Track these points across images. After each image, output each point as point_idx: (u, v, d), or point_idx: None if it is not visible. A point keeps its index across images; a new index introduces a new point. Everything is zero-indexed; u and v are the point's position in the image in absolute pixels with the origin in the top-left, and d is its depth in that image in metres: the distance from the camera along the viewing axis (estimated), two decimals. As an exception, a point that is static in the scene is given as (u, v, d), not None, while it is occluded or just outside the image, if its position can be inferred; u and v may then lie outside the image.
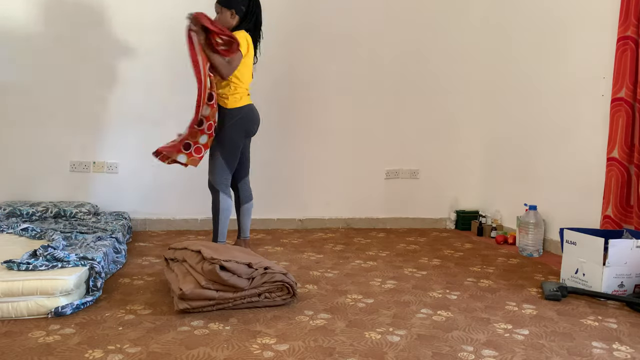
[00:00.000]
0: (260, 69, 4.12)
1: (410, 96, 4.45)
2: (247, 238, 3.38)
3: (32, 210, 3.46)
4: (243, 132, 3.15)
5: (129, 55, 3.93)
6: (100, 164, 3.96)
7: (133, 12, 3.90)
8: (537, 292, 2.74)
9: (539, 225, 3.59)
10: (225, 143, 3.10)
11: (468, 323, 2.25)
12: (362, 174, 4.41)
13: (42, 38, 3.79)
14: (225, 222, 3.15)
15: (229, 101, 3.09)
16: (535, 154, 3.87)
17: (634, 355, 1.98)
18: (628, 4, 3.00)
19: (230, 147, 3.11)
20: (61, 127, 3.87)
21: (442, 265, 3.25)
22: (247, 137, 3.23)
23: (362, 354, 1.91)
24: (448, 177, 4.58)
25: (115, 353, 1.85)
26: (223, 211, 3.12)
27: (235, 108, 3.10)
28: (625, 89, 3.02)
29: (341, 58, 4.30)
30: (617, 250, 2.62)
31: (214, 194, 3.14)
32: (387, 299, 2.54)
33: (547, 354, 1.96)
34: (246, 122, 3.14)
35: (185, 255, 2.51)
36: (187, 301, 2.24)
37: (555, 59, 3.68)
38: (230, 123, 3.08)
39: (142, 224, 4.03)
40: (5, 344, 1.90)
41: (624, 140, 3.03)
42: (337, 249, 3.59)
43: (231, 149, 3.11)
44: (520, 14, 4.06)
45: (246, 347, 1.94)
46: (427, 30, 4.42)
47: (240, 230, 3.37)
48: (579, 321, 2.32)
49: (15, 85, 3.78)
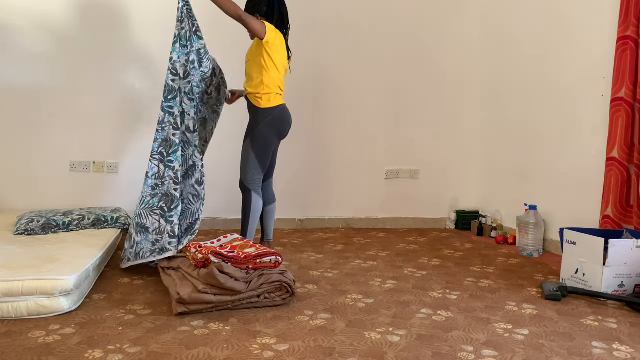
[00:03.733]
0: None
1: (410, 96, 4.45)
2: (271, 240, 3.33)
3: (68, 220, 3.26)
4: (275, 133, 3.09)
5: (129, 55, 3.93)
6: (100, 164, 3.96)
7: (133, 12, 3.91)
8: (537, 292, 2.74)
9: (539, 225, 3.59)
10: (259, 142, 3.04)
11: (468, 323, 2.25)
12: (362, 174, 4.41)
13: (42, 38, 3.79)
14: (255, 222, 3.08)
15: (262, 101, 3.04)
16: (535, 154, 3.87)
17: (634, 355, 1.98)
18: (628, 4, 3.00)
19: (264, 146, 3.05)
20: (61, 127, 3.87)
21: (442, 265, 3.25)
22: (279, 138, 3.14)
23: (362, 354, 1.91)
24: (448, 177, 4.58)
25: (115, 353, 1.85)
26: (254, 211, 3.06)
27: (268, 108, 3.04)
28: (625, 89, 3.02)
29: (341, 58, 4.30)
30: (617, 250, 2.62)
31: (245, 193, 3.07)
32: (387, 299, 2.54)
33: (547, 354, 1.96)
34: (278, 123, 3.08)
35: (180, 263, 2.52)
36: (186, 305, 2.24)
37: (555, 59, 3.68)
38: (263, 122, 3.04)
39: (142, 224, 4.03)
40: (5, 344, 1.90)
41: (623, 140, 3.03)
42: (337, 249, 3.59)
43: (264, 148, 3.06)
44: (520, 14, 4.06)
45: (246, 347, 1.94)
46: (427, 30, 4.43)
47: (263, 233, 3.32)
48: (579, 321, 2.32)
49: (15, 85, 3.79)
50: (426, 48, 4.43)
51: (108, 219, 3.38)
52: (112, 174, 3.98)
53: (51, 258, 2.48)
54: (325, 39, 4.24)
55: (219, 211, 4.14)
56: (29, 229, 3.12)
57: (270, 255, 2.43)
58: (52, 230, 3.19)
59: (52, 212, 3.40)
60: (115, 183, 3.98)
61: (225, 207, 4.14)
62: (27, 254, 2.56)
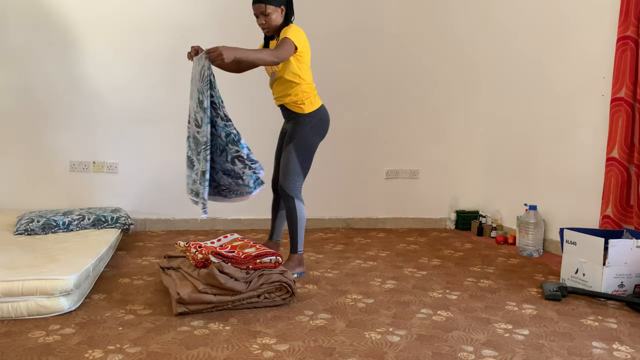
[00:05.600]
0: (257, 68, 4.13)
1: (410, 96, 4.45)
2: (279, 242, 3.23)
3: (68, 220, 3.26)
4: (320, 134, 2.95)
5: (129, 55, 3.93)
6: (100, 164, 3.96)
7: (133, 12, 3.91)
8: (537, 292, 2.74)
9: (539, 225, 3.59)
10: (304, 147, 2.89)
11: (468, 323, 2.25)
12: (362, 174, 4.41)
13: (41, 39, 3.79)
14: (303, 229, 2.91)
15: (305, 106, 2.88)
16: (535, 154, 3.87)
17: (634, 355, 1.98)
18: (628, 4, 3.00)
19: (309, 151, 2.92)
20: (61, 127, 3.87)
21: (442, 265, 3.25)
22: (322, 139, 3.00)
23: (362, 354, 1.91)
24: (448, 177, 4.58)
25: (115, 353, 1.85)
26: (300, 220, 2.88)
27: (313, 111, 2.90)
28: (625, 89, 3.02)
29: (341, 58, 4.30)
30: (617, 250, 2.62)
31: (288, 201, 2.88)
32: (387, 299, 2.54)
33: (547, 354, 1.96)
34: (324, 123, 2.96)
35: (180, 263, 2.52)
36: (186, 305, 2.24)
37: (556, 59, 3.68)
38: (309, 126, 2.89)
39: (142, 224, 4.03)
40: (5, 344, 1.90)
41: (623, 140, 3.03)
42: (337, 249, 3.59)
43: (309, 152, 2.92)
44: (521, 14, 4.06)
45: (246, 347, 1.94)
46: (427, 31, 4.42)
47: (273, 233, 3.21)
48: (579, 321, 2.32)
49: (15, 85, 3.79)
50: (426, 48, 4.43)
51: (108, 219, 3.38)
52: (112, 174, 3.98)
53: (51, 258, 2.48)
54: (324, 39, 4.24)
55: (219, 211, 4.14)
56: (29, 229, 3.12)
57: (270, 256, 2.43)
58: (52, 230, 3.19)
59: (52, 212, 3.41)
60: (115, 183, 3.98)
61: (225, 207, 4.14)
62: (27, 254, 2.56)
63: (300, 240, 2.92)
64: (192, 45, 2.69)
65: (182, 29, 3.98)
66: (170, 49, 3.94)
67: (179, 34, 3.97)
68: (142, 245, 3.51)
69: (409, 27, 4.39)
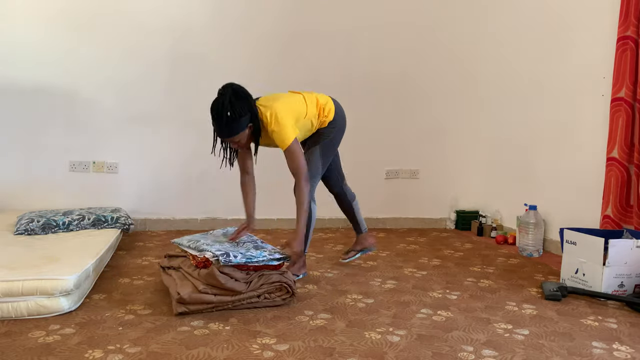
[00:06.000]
0: (258, 69, 4.13)
1: (410, 96, 4.45)
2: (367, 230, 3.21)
3: (68, 220, 3.26)
4: (341, 136, 2.93)
5: (129, 56, 3.93)
6: (100, 164, 3.96)
7: (133, 12, 3.91)
8: (537, 292, 2.74)
9: (539, 225, 3.59)
10: (329, 149, 2.88)
11: (468, 323, 2.25)
12: (362, 174, 4.41)
13: (41, 39, 3.79)
14: (311, 229, 2.90)
15: (327, 118, 2.84)
16: (536, 154, 3.87)
17: (634, 355, 1.98)
18: (628, 4, 3.00)
19: (331, 153, 2.91)
20: (61, 127, 3.87)
21: (442, 265, 3.25)
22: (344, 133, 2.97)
23: (362, 354, 1.91)
24: (448, 177, 4.58)
25: (115, 353, 1.85)
26: (312, 220, 2.88)
27: (332, 120, 2.86)
28: (625, 89, 3.02)
29: (340, 58, 4.30)
30: (617, 250, 2.62)
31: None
32: (387, 299, 2.54)
33: (547, 354, 1.96)
34: (344, 121, 2.94)
35: (180, 263, 2.52)
36: (186, 305, 2.23)
37: (556, 59, 3.68)
38: (333, 133, 2.87)
39: (142, 224, 4.03)
40: (5, 344, 1.90)
41: (623, 140, 3.03)
42: (337, 249, 3.59)
43: (331, 154, 2.91)
44: (520, 14, 4.06)
45: (246, 347, 1.94)
46: (427, 31, 4.42)
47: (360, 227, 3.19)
48: (579, 321, 2.32)
49: (15, 85, 3.79)
50: (426, 48, 4.43)
51: (108, 219, 3.38)
52: (112, 174, 3.98)
53: (51, 258, 2.48)
54: (323, 39, 4.24)
55: (219, 211, 4.14)
56: (29, 229, 3.12)
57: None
58: (52, 230, 3.19)
59: (52, 212, 3.41)
60: (115, 183, 3.98)
61: (225, 207, 4.14)
62: (27, 254, 2.56)
63: (308, 241, 2.91)
64: (243, 229, 2.70)
65: (182, 29, 3.98)
66: (170, 49, 3.94)
67: (179, 34, 3.98)
68: (142, 245, 3.51)
69: (409, 26, 4.39)
